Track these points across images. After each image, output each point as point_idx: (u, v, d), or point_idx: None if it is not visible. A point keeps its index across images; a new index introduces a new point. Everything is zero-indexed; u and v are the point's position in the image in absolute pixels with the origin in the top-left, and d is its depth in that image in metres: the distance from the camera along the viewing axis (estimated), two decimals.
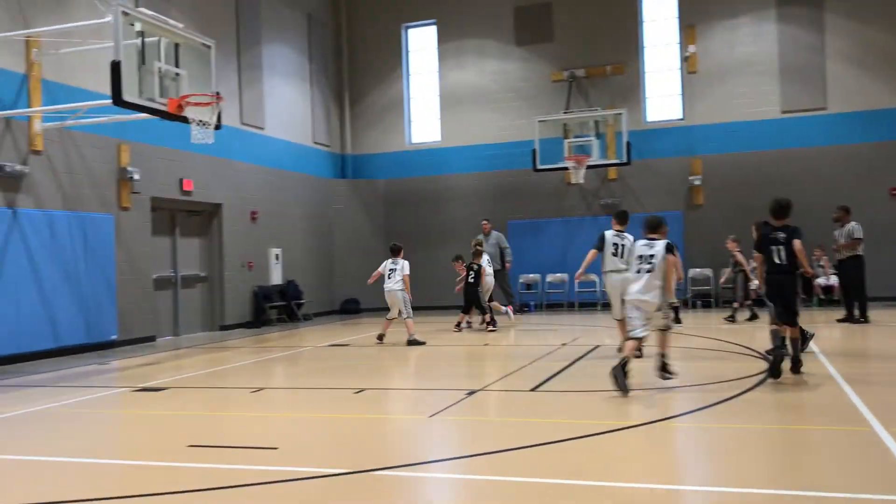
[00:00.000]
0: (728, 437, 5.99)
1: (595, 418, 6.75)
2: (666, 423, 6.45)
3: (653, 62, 20.05)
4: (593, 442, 5.81)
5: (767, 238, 8.40)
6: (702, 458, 5.57)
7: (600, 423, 6.41)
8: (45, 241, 12.30)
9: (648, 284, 7.89)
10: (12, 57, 12.02)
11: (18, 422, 7.42)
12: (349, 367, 10.60)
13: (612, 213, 14.25)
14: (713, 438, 6.01)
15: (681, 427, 6.36)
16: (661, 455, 5.64)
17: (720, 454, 5.53)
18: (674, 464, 5.42)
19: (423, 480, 5.12)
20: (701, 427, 6.36)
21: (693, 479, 4.99)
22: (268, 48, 18.62)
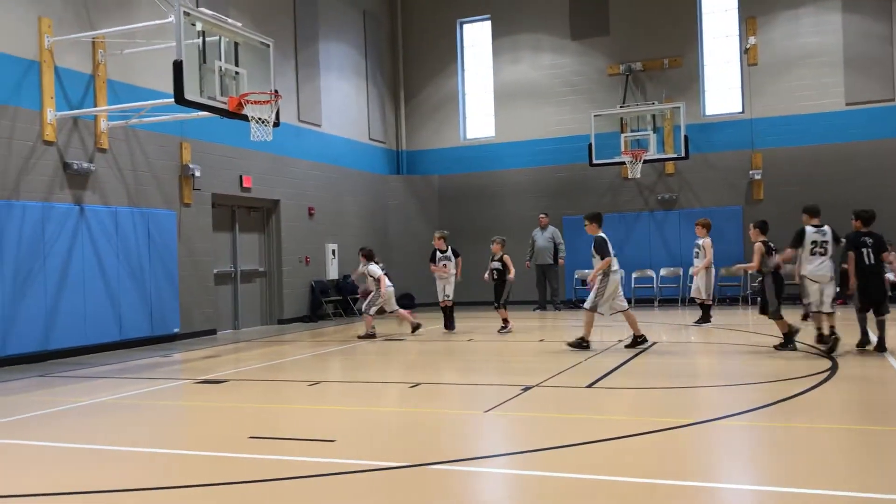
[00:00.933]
0: (789, 436, 5.87)
1: (653, 415, 6.68)
2: (725, 421, 6.35)
3: (712, 54, 19.68)
4: (651, 439, 5.76)
5: (858, 241, 9.73)
6: (761, 457, 5.47)
7: (658, 420, 6.35)
8: (110, 237, 12.67)
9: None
10: (79, 58, 12.40)
11: (84, 412, 7.67)
12: (405, 361, 10.68)
13: (664, 207, 14.05)
14: (773, 437, 5.90)
15: (740, 425, 6.25)
16: (719, 453, 5.56)
17: (780, 453, 5.42)
18: (732, 463, 5.33)
19: (479, 476, 5.14)
20: (761, 426, 6.24)
21: (751, 479, 4.91)
22: (324, 45, 18.83)
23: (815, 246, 9.78)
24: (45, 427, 6.97)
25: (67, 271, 11.92)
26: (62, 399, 8.31)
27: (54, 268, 11.72)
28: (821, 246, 9.75)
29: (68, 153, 12.17)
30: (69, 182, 12.17)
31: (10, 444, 6.25)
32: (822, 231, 9.80)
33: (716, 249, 18.84)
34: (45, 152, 11.80)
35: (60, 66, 12.04)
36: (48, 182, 11.83)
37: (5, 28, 11.29)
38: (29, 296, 11.32)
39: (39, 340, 11.45)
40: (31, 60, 11.64)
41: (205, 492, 4.85)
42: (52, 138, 11.86)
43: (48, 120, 11.76)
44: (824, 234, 9.79)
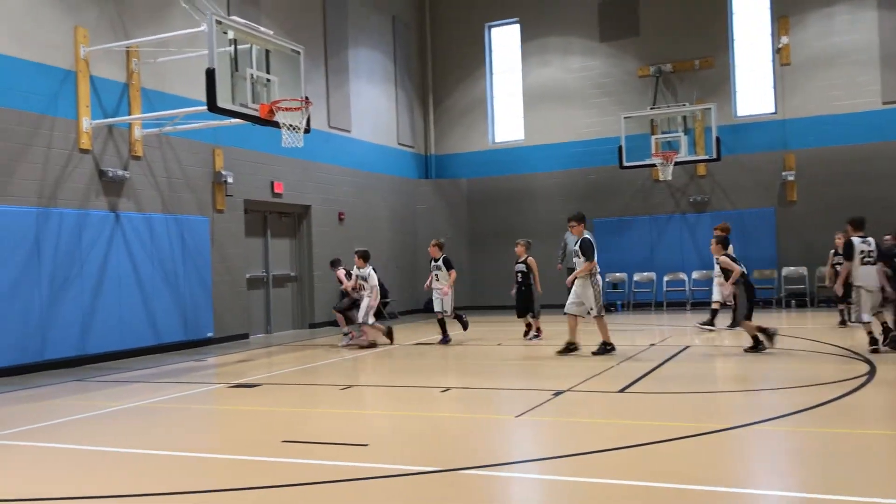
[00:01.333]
0: (826, 441, 5.79)
1: (686, 420, 6.62)
2: (760, 426, 6.27)
3: (743, 55, 19.48)
4: (684, 445, 5.71)
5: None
6: (797, 462, 5.39)
7: (691, 425, 6.29)
8: (145, 243, 12.86)
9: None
10: (114, 67, 12.60)
11: (121, 416, 7.78)
12: (434, 366, 10.70)
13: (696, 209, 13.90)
14: (809, 442, 5.81)
15: (776, 430, 6.18)
16: (753, 459, 5.50)
17: (817, 459, 5.34)
18: (768, 468, 5.27)
19: (511, 480, 5.13)
20: (797, 431, 6.16)
21: (787, 485, 4.84)
22: (354, 51, 18.94)
23: (863, 255, 10.19)
24: (82, 431, 7.08)
25: (103, 277, 12.11)
26: (99, 403, 8.45)
27: (90, 274, 11.92)
28: (868, 255, 10.19)
29: (104, 161, 12.37)
30: (104, 189, 12.37)
31: (48, 448, 6.36)
32: (867, 241, 10.29)
33: (750, 252, 18.70)
34: (81, 160, 12.01)
35: (95, 75, 12.25)
36: (84, 190, 12.04)
37: (42, 39, 11.51)
38: (66, 301, 11.52)
39: (76, 345, 11.65)
40: (68, 70, 11.85)
41: (239, 496, 4.90)
42: (87, 146, 12.06)
43: (84, 128, 11.97)
44: (870, 244, 10.28)
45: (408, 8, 21.70)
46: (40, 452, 6.26)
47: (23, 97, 11.20)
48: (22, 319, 10.92)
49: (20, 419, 7.85)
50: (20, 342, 10.88)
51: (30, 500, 4.94)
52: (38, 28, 11.47)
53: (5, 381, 10.37)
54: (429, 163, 22.32)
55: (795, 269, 18.21)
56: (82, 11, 12.12)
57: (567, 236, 18.59)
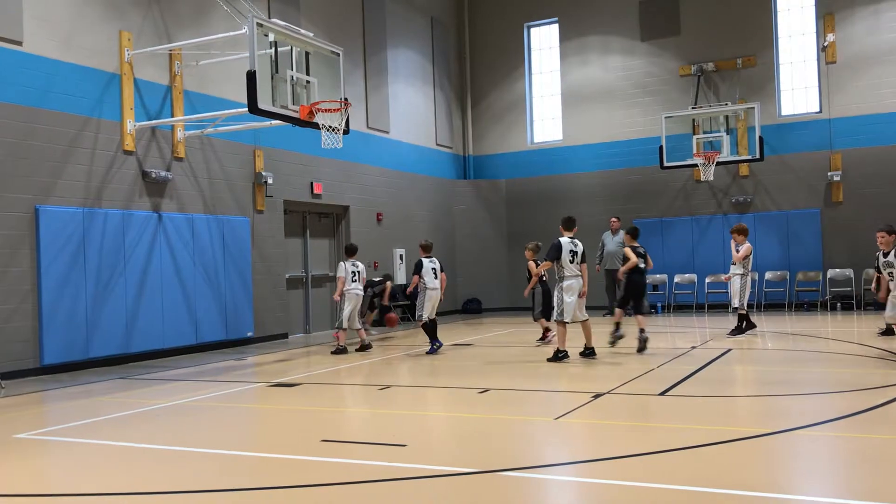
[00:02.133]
0: (870, 447, 5.65)
1: (727, 424, 6.52)
2: (803, 431, 6.14)
3: (787, 53, 19.14)
4: (725, 449, 5.61)
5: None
6: (841, 468, 5.26)
7: (733, 429, 6.19)
8: (187, 243, 13.04)
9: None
10: (157, 70, 12.81)
11: (163, 414, 7.90)
12: (473, 367, 10.67)
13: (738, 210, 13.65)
14: (853, 448, 5.67)
15: (819, 436, 6.04)
16: (797, 465, 5.39)
17: (861, 465, 5.21)
18: (811, 474, 5.16)
19: (550, 483, 5.09)
20: (840, 437, 6.02)
21: (831, 491, 4.73)
22: (392, 52, 19.01)
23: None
24: (125, 428, 7.20)
25: (146, 277, 12.32)
26: (142, 401, 8.58)
27: (134, 273, 12.12)
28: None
29: (147, 162, 12.57)
30: (147, 190, 12.57)
31: (93, 444, 6.48)
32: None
33: (795, 253, 18.38)
34: (125, 162, 12.22)
35: (139, 77, 12.46)
36: (128, 190, 12.25)
37: (90, 43, 11.74)
38: (110, 301, 11.73)
39: (120, 343, 11.86)
40: (113, 73, 12.07)
41: (279, 494, 4.94)
42: (131, 148, 12.27)
43: (128, 130, 12.18)
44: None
45: (446, 8, 21.72)
46: (85, 449, 6.37)
47: (69, 100, 11.43)
48: (68, 318, 11.14)
49: (67, 416, 8.02)
50: (67, 340, 11.11)
51: (75, 495, 5.03)
52: (85, 32, 11.70)
53: (53, 377, 10.60)
54: (467, 163, 22.30)
55: (841, 271, 17.84)
56: (127, 16, 12.34)
57: (605, 237, 18.49)
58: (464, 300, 21.14)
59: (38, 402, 9.02)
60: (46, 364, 10.86)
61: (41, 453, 6.38)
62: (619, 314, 11.93)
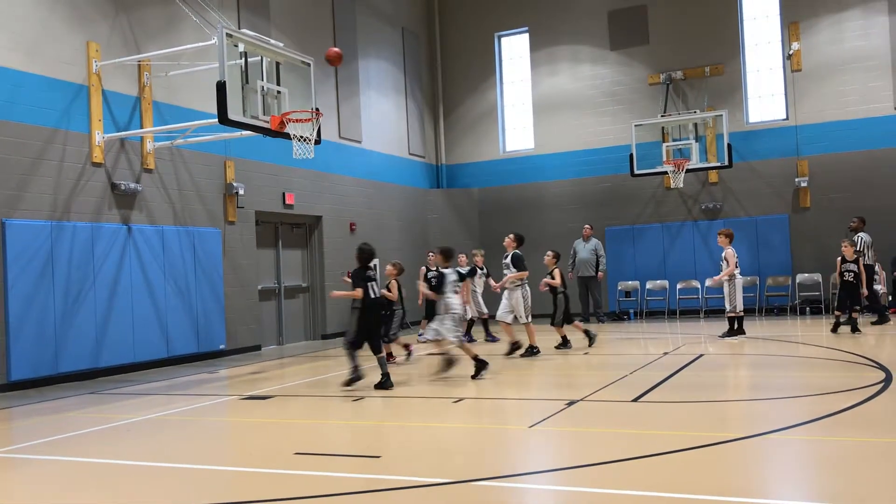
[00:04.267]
0: (841, 450, 5.73)
1: (699, 430, 6.57)
2: (776, 435, 6.21)
3: (754, 61, 19.43)
4: (699, 454, 5.66)
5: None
6: (814, 472, 5.33)
7: (704, 435, 6.24)
8: (157, 255, 12.91)
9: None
10: (126, 81, 12.69)
11: (134, 429, 7.79)
12: (446, 377, 10.65)
13: (708, 216, 13.79)
14: (826, 451, 5.75)
15: (792, 440, 6.12)
16: (766, 469, 5.44)
17: (834, 468, 5.28)
18: (785, 478, 5.21)
19: (524, 492, 5.10)
20: (811, 440, 6.10)
21: (805, 495, 4.79)
22: (364, 63, 19.01)
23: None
24: (96, 444, 7.09)
25: (116, 290, 12.16)
26: (113, 416, 8.46)
27: (103, 287, 11.97)
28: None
29: (116, 174, 12.43)
30: (117, 202, 12.43)
31: (63, 462, 6.37)
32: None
33: (764, 258, 18.61)
34: (93, 174, 12.08)
35: (108, 89, 12.33)
36: (97, 203, 12.10)
37: (56, 54, 11.60)
38: (80, 315, 11.57)
39: (90, 358, 11.69)
40: (80, 84, 11.94)
41: None
42: (100, 160, 12.13)
43: (96, 142, 12.04)
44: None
45: (417, 19, 21.77)
46: (55, 465, 6.27)
47: (36, 111, 11.29)
48: (37, 332, 10.97)
49: (36, 432, 7.88)
50: (35, 355, 10.93)
51: None
52: (52, 43, 11.57)
53: (21, 393, 10.42)
54: (440, 172, 22.34)
55: (810, 275, 18.09)
56: (94, 26, 12.22)
57: (577, 244, 18.60)
58: None
59: (6, 419, 8.86)
60: (14, 380, 10.67)
61: (8, 471, 6.27)
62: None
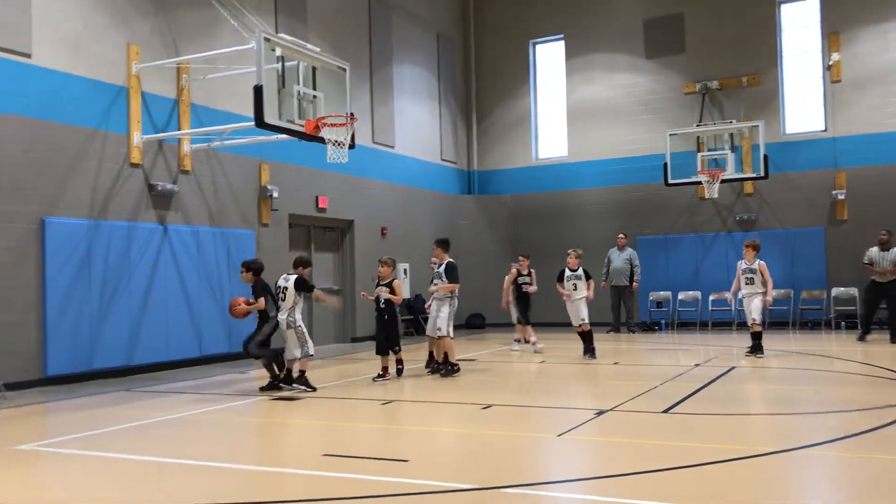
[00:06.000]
0: (875, 467, 5.62)
1: (731, 443, 6.49)
2: (809, 450, 6.12)
3: (792, 72, 19.19)
4: (730, 467, 5.59)
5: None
6: (847, 489, 5.24)
7: (737, 447, 6.16)
8: (192, 255, 13.07)
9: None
10: (165, 84, 12.88)
11: (166, 426, 7.89)
12: (476, 383, 10.65)
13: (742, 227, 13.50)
14: (860, 469, 5.65)
15: (820, 456, 6.02)
16: (797, 485, 5.37)
17: (868, 486, 5.19)
18: (811, 495, 5.13)
19: (552, 500, 5.07)
20: (845, 456, 5.99)
21: None
22: (398, 68, 19.10)
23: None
24: (128, 440, 7.19)
25: (151, 289, 12.34)
26: (146, 413, 8.58)
27: (139, 286, 12.15)
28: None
29: (153, 175, 12.62)
30: (154, 203, 12.61)
31: (95, 456, 6.47)
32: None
33: (799, 271, 18.35)
34: (131, 174, 12.27)
35: (147, 91, 12.53)
36: (134, 203, 12.29)
37: (98, 56, 11.82)
38: (115, 313, 11.75)
39: (124, 356, 11.87)
40: (120, 86, 12.14)
41: None
42: (138, 161, 12.32)
43: (135, 143, 12.23)
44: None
45: (452, 25, 21.83)
46: (87, 461, 6.37)
47: (77, 112, 11.50)
48: (73, 330, 11.16)
49: (70, 427, 8.02)
50: (71, 352, 11.12)
51: None
52: (93, 45, 11.78)
53: (56, 389, 10.60)
54: (472, 178, 22.35)
55: (846, 289, 17.79)
56: (135, 29, 12.43)
57: (612, 254, 18.49)
58: (467, 315, 21.12)
59: (42, 414, 9.03)
60: (50, 375, 10.86)
61: (42, 465, 6.38)
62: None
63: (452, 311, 11.39)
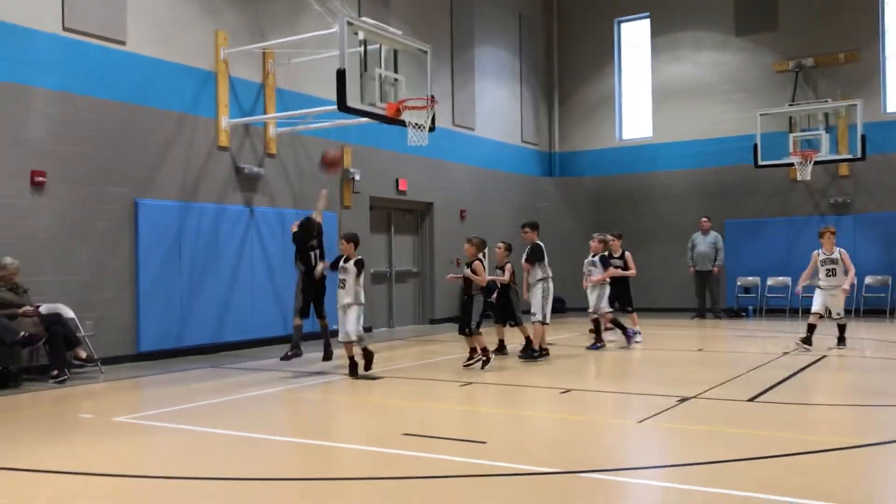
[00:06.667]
0: None
1: (819, 434, 6.27)
2: None
3: (894, 46, 18.22)
4: (818, 459, 5.40)
5: None
6: None
7: (825, 438, 5.95)
8: (276, 237, 13.37)
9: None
10: (251, 68, 13.16)
11: (252, 403, 8.12)
12: (555, 367, 10.58)
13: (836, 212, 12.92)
14: None
15: None
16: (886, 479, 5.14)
17: None
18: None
19: (631, 486, 5.00)
20: None
21: None
22: (480, 49, 19.01)
23: None
24: (217, 415, 7.43)
25: (238, 269, 12.69)
26: (233, 389, 8.85)
27: (226, 265, 12.52)
28: None
29: (240, 158, 12.94)
30: (240, 185, 12.94)
31: (188, 430, 6.72)
32: None
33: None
34: (219, 157, 12.61)
35: (234, 75, 12.83)
36: (222, 185, 12.64)
37: (188, 43, 12.16)
38: (204, 291, 12.15)
39: (212, 333, 12.27)
40: (209, 72, 12.47)
41: (361, 485, 5.01)
42: (225, 144, 12.65)
43: (223, 127, 12.57)
44: None
45: (534, 4, 21.56)
46: (179, 434, 6.61)
47: (168, 97, 11.87)
48: (164, 307, 11.59)
49: (162, 402, 8.34)
50: (162, 328, 11.56)
51: (172, 478, 5.23)
52: (182, 32, 12.12)
53: (148, 364, 11.04)
54: (553, 160, 22.12)
55: None
56: (223, 15, 12.72)
57: (696, 238, 18.05)
58: None
59: (135, 388, 9.42)
60: (143, 351, 11.32)
61: (135, 436, 6.66)
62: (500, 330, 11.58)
63: (546, 295, 10.82)
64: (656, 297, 19.76)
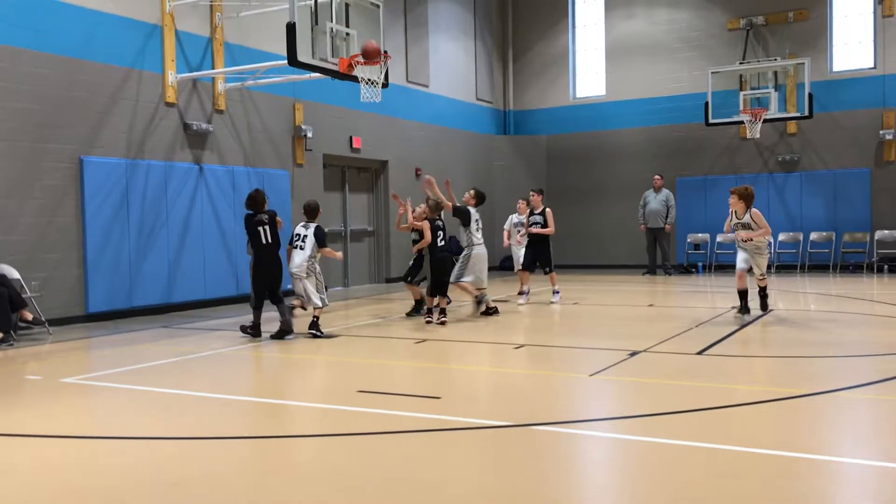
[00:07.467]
0: None
1: (764, 385, 6.45)
2: (842, 393, 6.05)
3: (841, 7, 18.46)
4: (762, 409, 5.56)
5: None
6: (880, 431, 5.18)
7: (769, 389, 6.12)
8: (227, 195, 13.16)
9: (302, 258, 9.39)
10: (198, 22, 12.80)
11: (204, 362, 8.05)
12: (508, 323, 10.68)
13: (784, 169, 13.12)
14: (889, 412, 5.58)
15: (858, 398, 5.95)
16: (830, 426, 5.31)
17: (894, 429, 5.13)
18: (848, 436, 5.08)
19: (582, 438, 5.10)
20: (883, 399, 5.91)
21: (869, 454, 4.65)
22: (433, 5, 18.75)
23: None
24: (167, 375, 7.35)
25: (188, 228, 12.48)
26: (184, 349, 8.76)
27: (176, 224, 12.29)
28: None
29: (188, 114, 12.65)
30: (189, 142, 12.67)
31: (137, 390, 6.64)
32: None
33: (842, 213, 17.96)
34: (166, 114, 12.30)
35: (181, 29, 12.47)
36: (170, 142, 12.35)
37: None
38: (153, 251, 11.93)
39: (163, 293, 12.09)
40: (154, 24, 12.10)
41: (316, 441, 5.02)
42: (173, 100, 12.34)
43: (169, 82, 12.24)
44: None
45: None
46: (128, 394, 6.53)
47: (112, 51, 11.51)
48: (113, 267, 11.37)
49: (112, 362, 8.23)
50: (111, 289, 11.36)
51: (119, 438, 5.17)
52: None
53: (97, 325, 10.86)
54: (507, 118, 22.07)
55: (890, 232, 17.41)
56: None
57: (648, 195, 18.25)
58: (501, 257, 21.08)
59: (84, 349, 9.27)
60: (91, 312, 11.12)
61: (85, 397, 6.56)
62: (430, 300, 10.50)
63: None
64: (609, 254, 20.04)
